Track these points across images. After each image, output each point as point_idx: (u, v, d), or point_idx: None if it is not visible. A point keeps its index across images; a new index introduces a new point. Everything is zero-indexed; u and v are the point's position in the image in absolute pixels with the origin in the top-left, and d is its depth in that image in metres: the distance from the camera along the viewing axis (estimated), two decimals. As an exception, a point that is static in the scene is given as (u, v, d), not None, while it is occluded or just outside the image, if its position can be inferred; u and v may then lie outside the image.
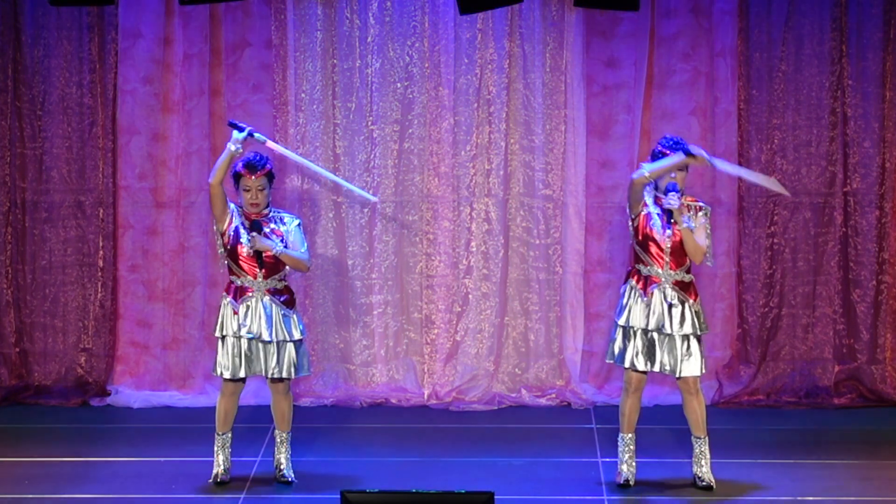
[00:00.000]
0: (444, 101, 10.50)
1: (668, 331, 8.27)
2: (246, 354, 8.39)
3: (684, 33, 10.46)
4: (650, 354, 8.32)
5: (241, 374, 8.40)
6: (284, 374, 8.42)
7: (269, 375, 8.42)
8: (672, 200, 8.15)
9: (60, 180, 10.57)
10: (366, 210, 10.59)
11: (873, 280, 10.53)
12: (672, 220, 8.21)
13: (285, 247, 8.36)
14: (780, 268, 10.57)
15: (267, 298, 8.39)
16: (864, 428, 9.95)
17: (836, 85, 10.44)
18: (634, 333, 8.33)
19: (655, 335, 8.30)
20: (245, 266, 8.39)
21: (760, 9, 10.40)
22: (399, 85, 10.52)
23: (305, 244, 8.48)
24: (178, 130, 10.52)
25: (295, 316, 8.47)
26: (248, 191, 8.35)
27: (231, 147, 8.25)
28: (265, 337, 8.35)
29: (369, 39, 10.48)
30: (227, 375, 8.42)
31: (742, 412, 10.36)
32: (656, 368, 8.32)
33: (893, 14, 10.39)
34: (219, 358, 8.42)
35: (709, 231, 8.32)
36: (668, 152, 8.23)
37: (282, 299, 8.43)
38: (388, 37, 10.47)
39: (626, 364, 8.37)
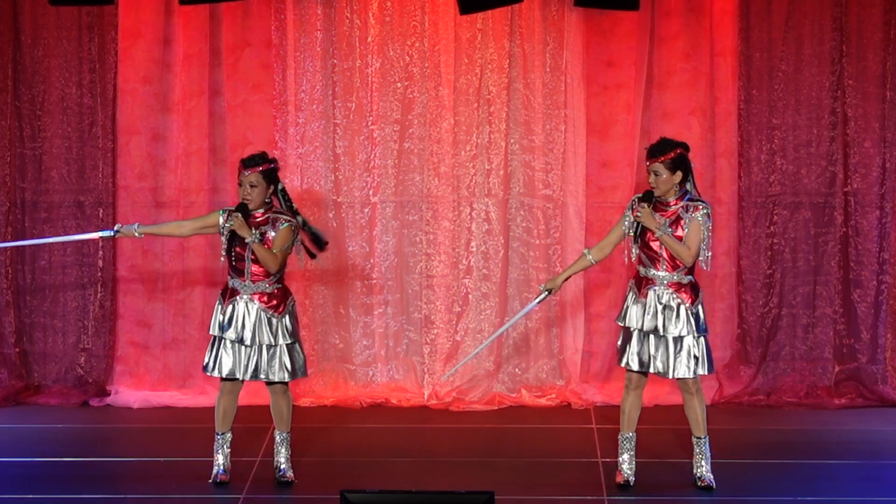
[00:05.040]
0: (444, 101, 10.50)
1: (661, 332, 8.26)
2: (233, 357, 8.36)
3: (684, 33, 10.46)
4: (645, 354, 8.31)
5: (236, 375, 8.37)
6: (275, 378, 8.37)
7: (265, 379, 8.39)
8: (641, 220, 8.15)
9: (60, 180, 10.57)
10: (366, 210, 10.59)
11: (874, 280, 10.53)
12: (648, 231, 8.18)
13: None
14: (779, 268, 10.57)
15: (254, 302, 8.35)
16: (864, 428, 9.94)
17: (836, 85, 10.43)
18: (632, 333, 8.34)
19: (652, 336, 8.30)
20: (237, 267, 8.33)
21: (760, 9, 10.40)
22: (399, 85, 10.52)
23: (284, 247, 8.27)
24: (178, 130, 10.52)
25: (284, 320, 8.40)
26: (241, 185, 8.34)
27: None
28: (246, 341, 8.32)
29: (369, 39, 10.48)
30: (215, 374, 8.39)
31: (742, 412, 10.36)
32: (651, 370, 8.32)
33: (893, 14, 10.39)
34: (212, 356, 8.40)
35: (708, 230, 8.23)
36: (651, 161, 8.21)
37: (270, 304, 8.38)
38: (388, 37, 10.47)
39: (623, 363, 8.38)
